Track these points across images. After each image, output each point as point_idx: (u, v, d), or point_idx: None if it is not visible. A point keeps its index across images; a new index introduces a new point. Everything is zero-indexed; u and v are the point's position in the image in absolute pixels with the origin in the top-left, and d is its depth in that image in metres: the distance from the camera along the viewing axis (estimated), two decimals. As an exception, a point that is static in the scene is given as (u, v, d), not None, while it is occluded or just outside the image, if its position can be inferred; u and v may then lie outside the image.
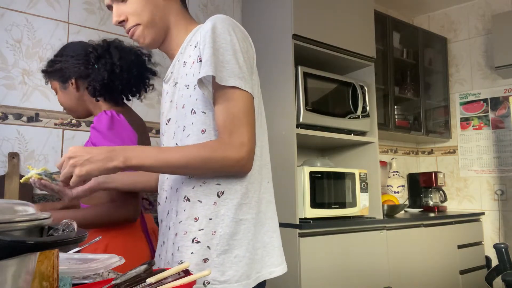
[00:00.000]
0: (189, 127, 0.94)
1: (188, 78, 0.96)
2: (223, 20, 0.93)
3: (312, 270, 2.06)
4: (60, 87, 1.33)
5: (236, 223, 0.91)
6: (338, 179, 2.37)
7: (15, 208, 0.48)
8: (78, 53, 1.31)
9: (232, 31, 0.92)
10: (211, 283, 0.88)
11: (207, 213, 0.91)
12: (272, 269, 0.95)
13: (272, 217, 1.00)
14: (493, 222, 3.37)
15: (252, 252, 0.92)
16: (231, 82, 0.89)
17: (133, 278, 0.67)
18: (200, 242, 0.90)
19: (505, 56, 3.08)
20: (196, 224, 0.91)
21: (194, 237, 0.91)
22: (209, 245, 0.90)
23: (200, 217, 0.91)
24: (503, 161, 3.39)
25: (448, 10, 3.79)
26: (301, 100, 2.25)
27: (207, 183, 0.92)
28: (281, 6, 2.37)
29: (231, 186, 0.92)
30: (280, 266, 0.97)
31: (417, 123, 3.39)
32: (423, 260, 2.67)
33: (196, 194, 0.93)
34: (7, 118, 1.87)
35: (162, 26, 1.01)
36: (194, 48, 0.96)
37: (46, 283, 0.53)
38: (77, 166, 0.84)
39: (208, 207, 0.91)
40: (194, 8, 2.56)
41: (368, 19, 2.72)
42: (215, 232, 0.90)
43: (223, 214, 0.91)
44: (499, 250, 2.24)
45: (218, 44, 0.90)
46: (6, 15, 1.91)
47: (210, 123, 0.93)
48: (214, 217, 0.91)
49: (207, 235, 0.90)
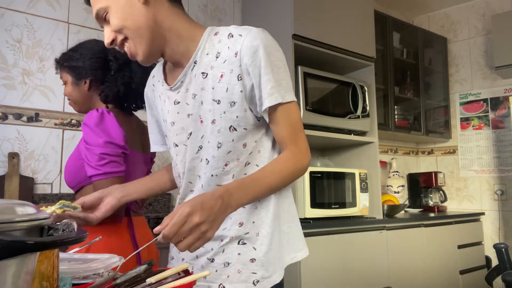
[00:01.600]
0: (228, 144, 0.94)
1: (217, 92, 0.92)
2: (267, 36, 0.93)
3: (312, 270, 2.06)
4: (72, 82, 1.35)
5: (273, 218, 0.97)
6: (338, 179, 2.37)
7: (15, 208, 0.48)
8: (97, 55, 1.32)
9: (278, 46, 0.95)
10: (260, 281, 0.93)
11: (249, 217, 0.95)
12: (295, 254, 1.01)
13: (288, 209, 1.03)
14: (493, 222, 3.37)
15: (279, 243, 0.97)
16: (288, 98, 0.93)
17: (133, 278, 0.67)
18: (245, 244, 0.94)
19: (505, 56, 3.08)
20: (241, 229, 0.95)
21: (240, 239, 0.95)
22: (255, 247, 0.94)
23: (244, 222, 0.95)
24: (503, 161, 3.39)
25: (448, 10, 3.80)
26: (301, 100, 2.25)
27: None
28: (281, 6, 2.37)
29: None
30: (302, 250, 1.03)
31: (417, 123, 3.39)
32: (423, 260, 2.67)
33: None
34: (7, 118, 1.87)
35: (154, 35, 0.93)
36: (223, 62, 0.92)
37: (46, 283, 0.53)
38: (208, 231, 0.78)
39: (247, 212, 0.95)
40: (194, 8, 2.56)
41: (368, 19, 2.72)
42: (258, 234, 0.95)
43: (264, 215, 0.96)
44: (499, 250, 2.24)
45: (274, 65, 0.92)
46: (6, 15, 1.91)
47: (250, 137, 0.96)
48: (256, 220, 0.95)
49: (251, 238, 0.95)
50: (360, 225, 2.33)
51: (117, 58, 1.31)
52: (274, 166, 0.93)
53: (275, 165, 0.93)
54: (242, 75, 0.90)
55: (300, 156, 0.96)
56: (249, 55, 0.89)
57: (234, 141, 0.94)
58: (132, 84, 1.30)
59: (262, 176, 0.91)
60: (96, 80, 1.32)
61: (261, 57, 0.89)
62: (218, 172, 0.95)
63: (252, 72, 0.90)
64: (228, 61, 0.91)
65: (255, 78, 0.90)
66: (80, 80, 1.33)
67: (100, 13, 0.93)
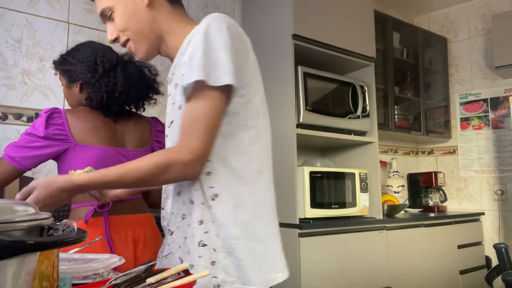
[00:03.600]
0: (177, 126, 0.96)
1: (184, 79, 0.94)
2: (217, 19, 0.90)
3: (312, 270, 2.06)
4: (66, 84, 1.42)
5: (234, 225, 0.90)
6: (338, 179, 2.37)
7: (15, 208, 0.48)
8: (88, 59, 1.36)
9: (218, 27, 0.89)
10: (221, 286, 0.88)
11: (209, 216, 0.91)
12: (274, 275, 0.93)
13: (272, 220, 0.98)
14: (493, 222, 3.37)
15: (253, 256, 0.90)
16: (192, 78, 0.86)
17: (133, 278, 0.67)
18: (206, 245, 0.90)
19: (505, 56, 3.08)
20: (201, 227, 0.91)
21: (200, 240, 0.91)
22: (215, 248, 0.90)
23: (204, 220, 0.91)
24: (503, 161, 3.39)
25: (448, 10, 3.79)
26: (301, 100, 2.25)
27: (202, 186, 0.91)
28: (281, 6, 2.37)
29: (225, 189, 0.91)
30: (281, 272, 0.96)
31: (417, 123, 3.39)
32: (423, 260, 2.67)
33: (198, 197, 0.93)
34: (7, 118, 1.87)
35: (154, 35, 1.00)
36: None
37: (46, 283, 0.53)
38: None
39: (208, 210, 0.91)
40: (194, 8, 2.56)
41: (368, 19, 2.72)
42: (219, 235, 0.90)
43: (222, 217, 0.90)
44: (499, 250, 2.24)
45: (209, 46, 0.87)
46: (6, 15, 1.91)
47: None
48: (216, 220, 0.90)
49: (211, 238, 0.90)
50: (360, 225, 2.33)
51: (103, 62, 1.35)
52: (135, 163, 0.87)
53: (137, 162, 0.87)
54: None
55: (178, 156, 0.86)
56: (195, 37, 0.90)
57: None
58: (115, 91, 1.33)
59: (116, 172, 0.87)
60: (85, 84, 1.36)
61: (201, 38, 0.88)
62: None
63: (191, 54, 0.90)
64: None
65: (192, 60, 0.88)
66: (72, 83, 1.39)
67: (105, 12, 0.99)
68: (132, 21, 0.98)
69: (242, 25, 2.75)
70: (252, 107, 0.94)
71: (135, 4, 0.97)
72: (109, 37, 1.02)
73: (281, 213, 2.42)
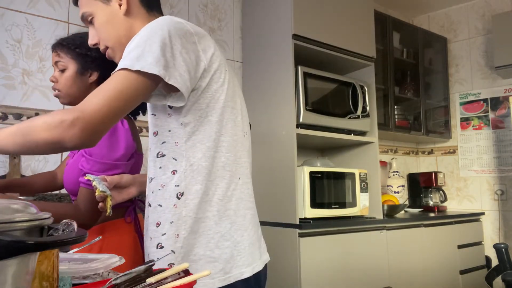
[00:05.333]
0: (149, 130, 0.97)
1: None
2: (161, 19, 0.88)
3: (312, 270, 2.06)
4: (76, 70, 1.23)
5: (196, 222, 0.89)
6: (338, 179, 2.37)
7: (15, 208, 0.48)
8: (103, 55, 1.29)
9: (164, 27, 0.85)
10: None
11: (168, 216, 0.90)
12: (243, 269, 0.92)
13: (244, 214, 0.95)
14: (493, 222, 3.37)
15: (215, 251, 0.89)
16: (121, 66, 0.82)
17: (133, 278, 0.67)
18: (164, 247, 0.89)
19: (505, 56, 3.08)
20: (158, 229, 0.91)
21: (158, 243, 0.90)
22: (173, 249, 0.89)
23: (162, 222, 0.91)
24: (503, 161, 3.39)
25: (448, 10, 3.79)
26: (301, 100, 2.25)
27: (166, 187, 0.91)
28: (281, 6, 2.37)
29: (190, 187, 0.90)
30: (250, 266, 0.93)
31: (417, 123, 3.39)
32: (423, 260, 2.67)
33: (155, 199, 0.92)
34: (7, 118, 1.87)
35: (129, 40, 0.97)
36: None
37: (46, 283, 0.53)
38: None
39: (168, 210, 0.90)
40: (194, 8, 2.56)
41: (368, 19, 2.72)
42: (178, 235, 0.89)
43: (185, 215, 0.89)
44: (499, 250, 2.24)
45: (138, 39, 0.85)
46: (6, 15, 1.91)
47: (162, 124, 0.92)
48: (176, 220, 0.89)
49: (169, 239, 0.89)
50: (360, 225, 2.33)
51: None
52: (30, 121, 0.77)
53: (32, 120, 0.77)
54: None
55: (67, 118, 0.74)
56: None
57: (148, 127, 0.98)
58: None
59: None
60: (102, 76, 1.25)
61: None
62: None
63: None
64: None
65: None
66: (86, 71, 1.24)
67: (85, 16, 1.01)
68: (110, 29, 0.98)
69: (242, 25, 2.76)
70: (215, 102, 0.92)
71: (113, 12, 0.98)
72: (90, 42, 1.02)
73: (281, 213, 2.43)
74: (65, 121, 0.74)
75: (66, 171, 1.28)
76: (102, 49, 1.02)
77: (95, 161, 1.14)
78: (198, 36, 0.92)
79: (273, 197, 2.24)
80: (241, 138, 0.99)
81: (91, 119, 0.76)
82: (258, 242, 0.99)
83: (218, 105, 0.93)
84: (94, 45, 1.02)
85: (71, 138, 0.75)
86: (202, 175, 0.90)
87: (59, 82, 1.24)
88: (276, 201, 2.24)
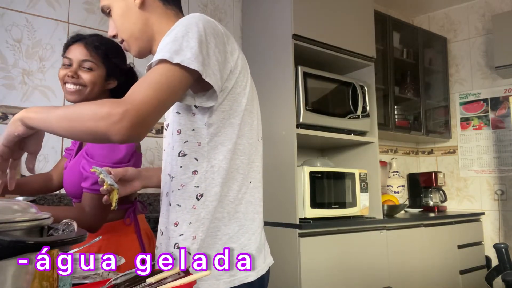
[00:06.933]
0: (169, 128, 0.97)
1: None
2: (195, 15, 0.89)
3: (312, 270, 2.06)
4: (102, 75, 1.25)
5: (211, 223, 0.89)
6: (338, 179, 2.37)
7: (15, 208, 0.48)
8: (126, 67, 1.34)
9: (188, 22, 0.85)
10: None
11: (187, 217, 0.90)
12: (248, 273, 0.91)
13: (253, 218, 0.95)
14: (493, 222, 3.37)
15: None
16: (159, 57, 0.80)
17: (133, 278, 0.67)
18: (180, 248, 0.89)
19: (505, 56, 3.08)
20: (176, 229, 0.91)
21: (175, 243, 0.90)
22: (190, 251, 0.88)
23: (180, 222, 0.90)
24: (503, 161, 3.39)
25: (448, 10, 3.79)
26: (301, 100, 2.25)
27: (185, 187, 0.91)
28: (281, 6, 2.37)
29: (210, 188, 0.90)
30: (255, 270, 0.93)
31: (417, 123, 3.39)
32: (423, 260, 2.67)
33: (175, 198, 0.92)
34: (7, 118, 1.87)
35: (145, 36, 1.00)
36: None
37: (46, 283, 0.53)
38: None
39: (187, 211, 0.90)
40: (194, 8, 2.56)
41: (368, 19, 2.72)
42: (195, 237, 0.89)
43: (203, 217, 0.89)
44: (499, 250, 2.24)
45: (174, 33, 0.83)
46: (6, 15, 1.91)
47: (185, 123, 0.91)
48: (194, 221, 0.89)
49: (187, 240, 0.89)
50: (360, 225, 2.33)
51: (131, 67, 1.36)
52: (79, 106, 0.77)
53: (81, 105, 0.76)
54: None
55: (117, 107, 0.71)
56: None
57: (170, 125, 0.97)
58: None
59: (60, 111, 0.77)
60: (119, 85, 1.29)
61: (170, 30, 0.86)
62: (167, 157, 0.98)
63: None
64: None
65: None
66: (110, 77, 1.27)
67: (104, 8, 1.03)
68: (125, 22, 1.00)
69: (242, 25, 2.76)
70: (238, 105, 0.93)
71: (128, 5, 0.99)
72: (110, 33, 1.05)
73: (281, 213, 2.43)
74: (113, 115, 0.71)
75: (66, 173, 1.28)
76: (119, 41, 1.04)
77: (96, 162, 1.14)
78: (227, 37, 0.93)
79: (273, 197, 2.24)
80: (256, 142, 0.99)
81: (141, 111, 0.73)
82: (263, 245, 1.00)
83: (240, 108, 0.93)
84: (113, 36, 1.04)
85: (119, 131, 0.72)
86: (221, 177, 0.90)
87: (82, 79, 1.23)
88: (276, 201, 2.24)
